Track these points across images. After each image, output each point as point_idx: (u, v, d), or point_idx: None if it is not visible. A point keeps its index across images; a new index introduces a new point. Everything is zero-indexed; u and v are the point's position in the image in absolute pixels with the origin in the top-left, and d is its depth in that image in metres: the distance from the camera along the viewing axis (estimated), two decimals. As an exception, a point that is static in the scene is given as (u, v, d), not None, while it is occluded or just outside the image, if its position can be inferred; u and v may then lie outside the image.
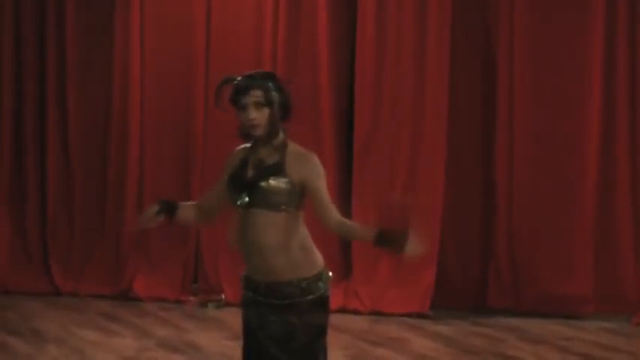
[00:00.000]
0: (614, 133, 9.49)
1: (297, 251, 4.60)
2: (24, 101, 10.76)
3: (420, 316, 9.39)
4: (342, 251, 9.74)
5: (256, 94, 4.53)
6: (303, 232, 4.67)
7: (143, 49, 10.39)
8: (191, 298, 10.08)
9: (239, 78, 4.60)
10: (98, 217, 10.54)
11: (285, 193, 4.52)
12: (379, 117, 9.84)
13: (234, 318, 8.64)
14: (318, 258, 4.76)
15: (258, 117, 4.53)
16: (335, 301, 9.46)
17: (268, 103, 4.53)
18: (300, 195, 4.58)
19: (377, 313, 9.47)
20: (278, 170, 4.54)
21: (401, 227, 4.56)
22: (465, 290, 9.81)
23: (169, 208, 4.89)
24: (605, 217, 9.52)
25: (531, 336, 8.77)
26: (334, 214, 4.64)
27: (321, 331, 4.74)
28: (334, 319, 9.05)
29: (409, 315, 9.40)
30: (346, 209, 9.67)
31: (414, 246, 4.55)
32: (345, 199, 9.83)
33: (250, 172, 4.58)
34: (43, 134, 10.72)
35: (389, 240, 4.59)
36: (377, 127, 9.83)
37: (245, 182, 4.56)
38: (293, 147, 4.67)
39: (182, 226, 9.71)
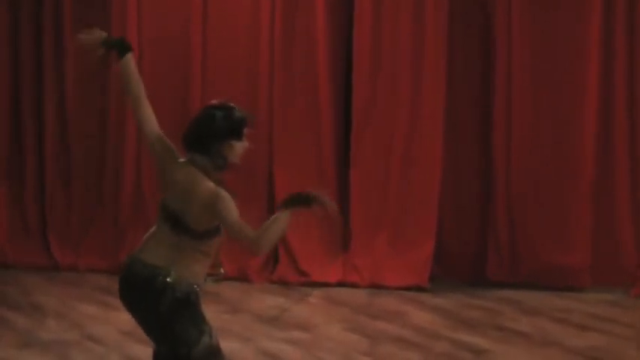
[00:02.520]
0: (612, 107, 9.50)
1: None
2: (20, 76, 10.73)
3: (419, 289, 9.39)
4: (340, 226, 9.65)
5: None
6: None
7: (141, 33, 10.32)
8: None
9: (241, 111, 4.76)
10: (96, 192, 10.53)
11: None
12: (377, 92, 9.81)
13: (232, 292, 8.73)
14: None
15: None
16: (334, 275, 9.62)
17: None
18: None
19: (375, 287, 9.47)
20: None
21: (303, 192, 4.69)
22: (463, 263, 9.84)
23: (122, 47, 4.91)
24: (603, 190, 9.55)
25: (529, 308, 8.80)
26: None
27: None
28: (334, 293, 9.25)
29: (408, 288, 9.40)
30: (344, 182, 9.84)
31: (321, 200, 4.63)
32: (343, 172, 9.94)
33: None
34: (40, 109, 10.69)
35: (292, 199, 4.66)
36: (375, 102, 9.82)
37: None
38: None
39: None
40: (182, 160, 4.78)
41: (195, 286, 4.81)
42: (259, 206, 9.52)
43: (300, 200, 4.63)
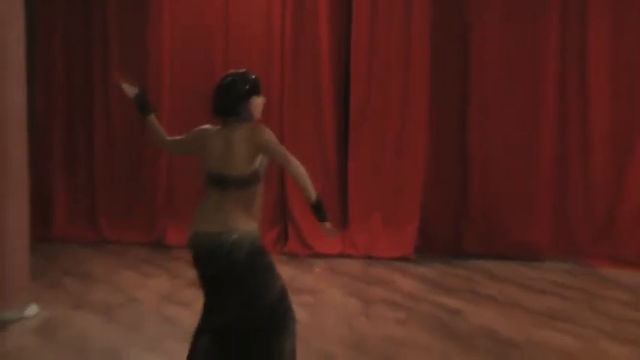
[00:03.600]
0: (567, 108, 9.53)
1: None
2: (73, 86, 10.76)
3: (405, 260, 9.41)
4: (340, 207, 9.77)
5: None
6: None
7: (173, 40, 10.33)
8: None
9: (252, 73, 4.79)
10: (136, 181, 10.59)
11: None
12: (371, 94, 9.80)
13: None
14: None
15: None
16: (335, 249, 9.59)
17: None
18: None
19: (369, 258, 9.50)
20: None
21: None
22: (443, 238, 9.87)
23: (145, 107, 4.98)
24: (559, 178, 9.59)
25: (497, 276, 8.83)
26: None
27: None
28: (334, 263, 9.30)
29: (396, 259, 9.43)
30: (344, 171, 9.83)
31: (329, 229, 4.74)
32: (342, 160, 9.93)
33: None
34: (90, 113, 10.73)
35: (317, 208, 4.67)
36: (369, 103, 9.80)
37: None
38: None
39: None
40: (213, 129, 4.77)
41: (258, 235, 4.73)
42: (271, 189, 9.53)
43: (322, 213, 4.68)
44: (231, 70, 4.87)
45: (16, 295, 7.18)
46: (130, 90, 5.05)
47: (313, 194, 4.62)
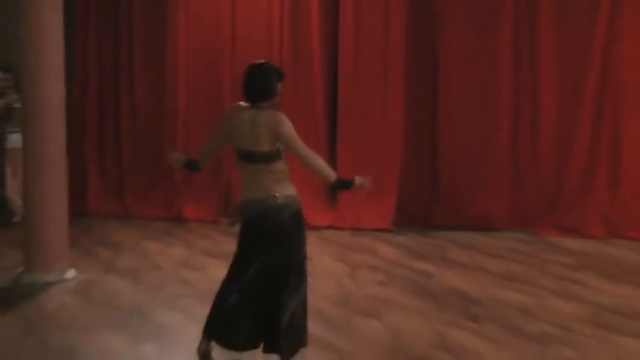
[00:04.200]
0: (520, 95, 9.56)
1: None
2: (104, 80, 10.82)
3: (386, 231, 9.48)
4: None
5: None
6: None
7: (188, 40, 10.42)
8: (223, 219, 10.09)
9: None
10: (157, 162, 10.56)
11: None
12: (357, 88, 9.86)
13: None
14: None
15: None
16: (326, 221, 9.65)
17: None
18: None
19: (355, 229, 9.56)
20: None
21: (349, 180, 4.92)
22: (417, 212, 9.90)
23: (191, 167, 5.22)
24: (514, 160, 9.64)
25: (464, 244, 8.90)
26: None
27: None
28: (325, 234, 9.38)
29: (378, 230, 9.50)
30: (332, 154, 9.86)
31: (361, 182, 4.95)
32: (331, 146, 10.00)
33: None
34: (118, 103, 10.76)
35: (341, 182, 4.93)
36: (355, 96, 9.86)
37: None
38: None
39: (216, 166, 10.02)
40: (243, 106, 4.91)
41: (299, 199, 4.90)
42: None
43: (343, 184, 4.93)
44: (257, 61, 4.97)
45: (56, 261, 7.31)
46: (179, 161, 5.26)
47: (331, 174, 4.82)
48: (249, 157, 4.83)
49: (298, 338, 4.93)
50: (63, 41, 7.35)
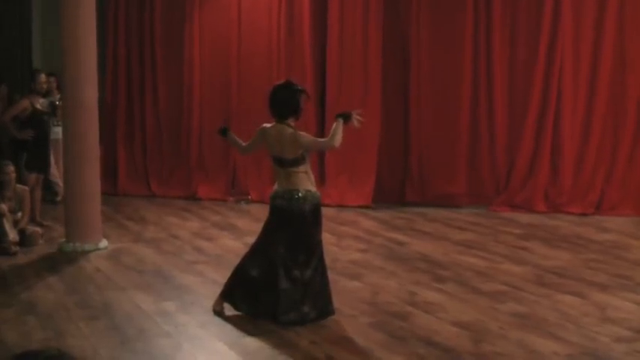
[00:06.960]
0: (479, 82, 9.40)
1: None
2: (131, 78, 10.72)
3: (366, 207, 9.46)
4: (319, 169, 9.69)
5: None
6: None
7: (202, 45, 10.33)
8: (231, 198, 10.08)
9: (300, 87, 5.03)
10: (177, 150, 10.57)
11: None
12: (342, 84, 9.77)
13: (257, 210, 8.77)
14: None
15: None
16: None
17: None
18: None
19: (340, 206, 9.50)
20: None
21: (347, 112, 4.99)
22: (392, 191, 9.85)
23: (224, 131, 5.27)
24: (473, 145, 9.54)
25: (431, 218, 8.87)
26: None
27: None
28: None
29: (359, 207, 9.46)
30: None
31: (354, 118, 4.99)
32: (320, 134, 9.80)
33: None
34: (143, 98, 10.68)
35: (342, 113, 4.99)
36: (340, 91, 9.77)
37: None
38: None
39: (225, 153, 9.99)
40: (269, 126, 5.00)
41: (318, 195, 5.00)
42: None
43: (345, 115, 4.96)
44: (282, 82, 5.10)
45: (92, 233, 7.32)
46: (229, 136, 5.32)
47: (339, 135, 4.87)
48: (280, 162, 4.99)
49: (326, 307, 5.03)
50: (96, 49, 7.34)
